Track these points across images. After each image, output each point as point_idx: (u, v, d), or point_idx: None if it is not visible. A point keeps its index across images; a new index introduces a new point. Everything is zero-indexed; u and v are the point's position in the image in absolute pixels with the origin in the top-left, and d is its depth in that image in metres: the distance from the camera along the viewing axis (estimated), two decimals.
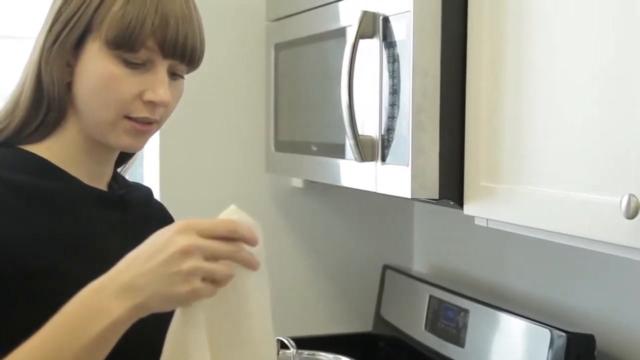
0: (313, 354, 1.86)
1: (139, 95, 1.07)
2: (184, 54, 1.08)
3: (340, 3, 1.73)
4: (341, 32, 1.70)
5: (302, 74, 2.00)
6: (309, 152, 1.89)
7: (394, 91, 1.51)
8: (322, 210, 2.37)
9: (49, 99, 1.07)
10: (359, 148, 1.60)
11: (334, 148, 1.75)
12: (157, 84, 1.07)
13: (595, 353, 1.56)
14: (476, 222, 1.49)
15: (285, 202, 2.33)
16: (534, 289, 1.89)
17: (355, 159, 1.62)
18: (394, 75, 1.51)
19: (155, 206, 1.28)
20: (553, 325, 1.60)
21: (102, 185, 1.16)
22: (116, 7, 1.04)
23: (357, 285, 2.40)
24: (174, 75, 1.10)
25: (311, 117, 1.92)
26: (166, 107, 1.09)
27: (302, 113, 1.99)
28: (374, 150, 1.58)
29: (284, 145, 2.09)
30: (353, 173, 1.70)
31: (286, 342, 1.77)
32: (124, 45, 1.04)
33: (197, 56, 1.11)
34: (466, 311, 1.85)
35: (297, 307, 2.31)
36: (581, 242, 1.23)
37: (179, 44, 1.07)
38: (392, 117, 1.52)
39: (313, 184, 2.27)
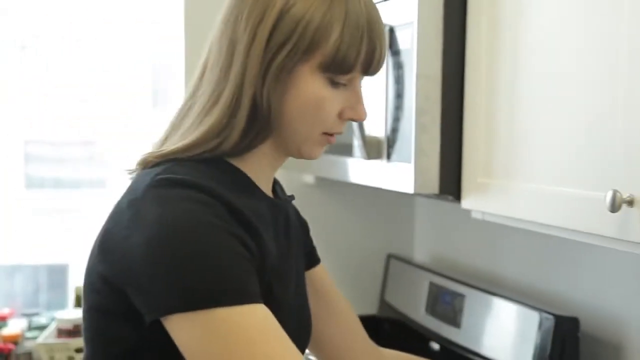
0: None
1: (339, 114, 1.02)
2: (378, 70, 1.04)
3: None
4: None
5: None
6: None
7: (399, 95, 1.51)
8: (332, 204, 2.37)
9: (263, 120, 0.98)
10: (366, 147, 1.60)
11: (343, 147, 1.75)
12: (357, 102, 1.02)
13: (579, 334, 1.56)
14: (473, 216, 1.49)
15: (297, 197, 2.31)
16: (524, 276, 1.89)
17: (363, 158, 1.62)
18: (399, 80, 1.51)
19: (292, 205, 1.22)
20: (541, 308, 1.60)
21: (270, 190, 1.10)
22: (335, 35, 0.96)
23: (364, 273, 2.40)
24: None
25: None
26: None
27: None
28: (380, 149, 1.58)
29: None
30: (360, 170, 1.70)
31: None
32: (339, 70, 0.98)
33: None
34: (462, 296, 1.85)
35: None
36: (569, 233, 1.23)
37: (380, 64, 1.02)
38: (396, 119, 1.52)
39: (323, 181, 2.27)
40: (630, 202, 1.05)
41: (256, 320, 0.87)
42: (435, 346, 1.92)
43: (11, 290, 2.41)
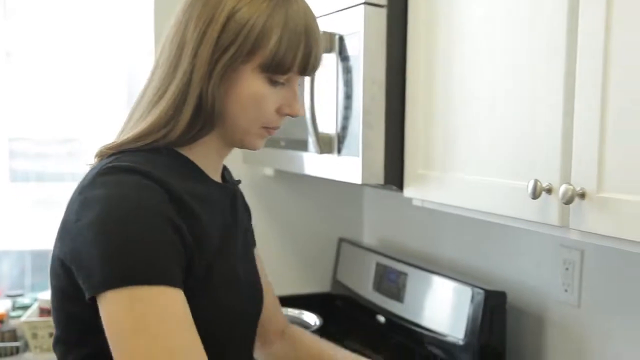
0: (283, 310, 1.86)
1: (277, 110, 1.00)
2: (315, 72, 1.02)
3: None
4: None
5: None
6: (279, 146, 1.87)
7: (348, 96, 1.51)
8: (289, 194, 2.37)
9: (207, 114, 0.97)
10: (319, 143, 1.59)
11: (299, 143, 1.74)
12: (293, 99, 1.01)
13: (506, 306, 1.59)
14: (414, 203, 1.50)
15: (259, 188, 2.32)
16: (458, 256, 1.90)
17: (316, 152, 1.61)
18: (348, 83, 1.50)
19: (239, 190, 1.18)
20: (473, 284, 1.61)
21: (219, 176, 1.08)
22: (274, 39, 0.95)
23: (318, 255, 2.40)
24: None
25: None
26: None
27: None
28: (331, 144, 1.58)
29: None
30: (314, 164, 1.69)
31: None
32: (277, 70, 0.96)
33: None
34: (405, 274, 1.86)
35: (269, 273, 2.30)
36: (496, 217, 1.24)
37: (316, 67, 1.01)
38: (346, 118, 1.52)
39: (282, 173, 2.27)
40: (549, 190, 1.07)
41: (173, 302, 0.85)
42: (382, 319, 1.93)
43: None
